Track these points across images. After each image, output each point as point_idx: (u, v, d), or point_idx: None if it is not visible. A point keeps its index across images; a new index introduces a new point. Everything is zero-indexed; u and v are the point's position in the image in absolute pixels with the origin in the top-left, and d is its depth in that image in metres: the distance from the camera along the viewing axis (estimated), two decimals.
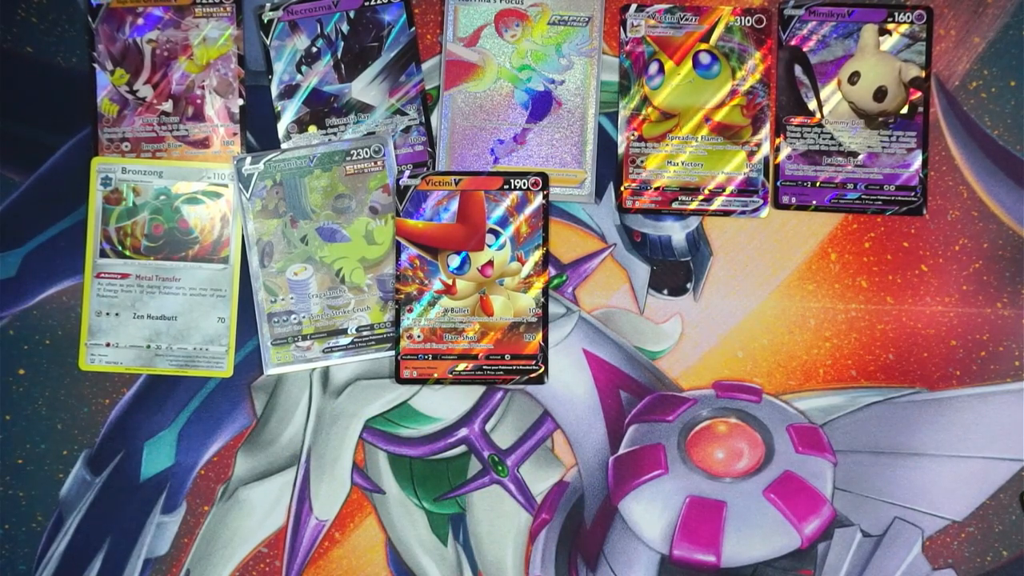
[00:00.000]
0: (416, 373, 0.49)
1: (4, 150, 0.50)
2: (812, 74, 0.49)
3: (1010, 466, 0.50)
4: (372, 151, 0.48)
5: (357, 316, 0.49)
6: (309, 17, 0.49)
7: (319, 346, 0.49)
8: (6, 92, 0.50)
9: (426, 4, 0.50)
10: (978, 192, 0.50)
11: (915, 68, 0.49)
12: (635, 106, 0.50)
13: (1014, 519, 0.50)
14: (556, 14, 0.49)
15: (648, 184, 0.49)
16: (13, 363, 0.50)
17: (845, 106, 0.49)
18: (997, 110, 0.50)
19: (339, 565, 0.50)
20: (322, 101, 0.50)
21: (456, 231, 0.49)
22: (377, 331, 0.49)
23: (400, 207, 0.49)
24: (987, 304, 0.50)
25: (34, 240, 0.50)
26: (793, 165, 0.49)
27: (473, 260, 0.49)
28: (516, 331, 0.49)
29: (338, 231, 0.49)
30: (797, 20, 0.49)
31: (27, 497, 0.50)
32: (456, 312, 0.49)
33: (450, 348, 0.49)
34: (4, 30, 0.50)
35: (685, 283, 0.50)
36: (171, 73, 0.49)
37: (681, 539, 0.50)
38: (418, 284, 0.49)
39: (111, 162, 0.49)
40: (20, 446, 0.50)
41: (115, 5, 0.49)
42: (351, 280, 0.49)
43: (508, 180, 0.48)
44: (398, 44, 0.49)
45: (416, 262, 0.49)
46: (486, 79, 0.49)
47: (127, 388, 0.50)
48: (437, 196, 0.48)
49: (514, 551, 0.50)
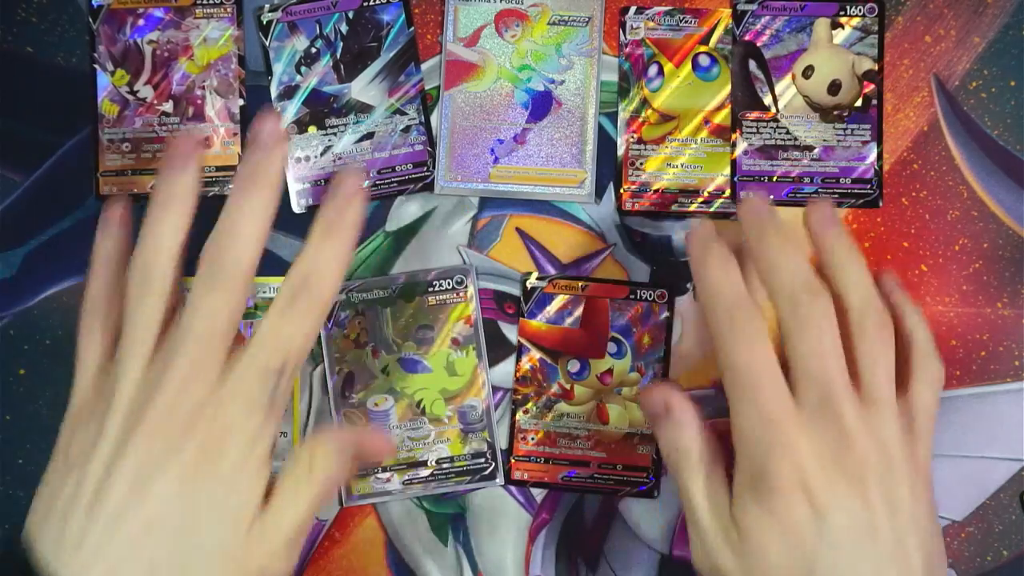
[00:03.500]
0: (527, 476, 0.49)
1: (4, 150, 0.50)
2: (767, 69, 0.49)
3: (1010, 466, 0.50)
4: (455, 282, 0.49)
5: (437, 448, 0.49)
6: (308, 18, 0.49)
7: (399, 478, 0.49)
8: (6, 92, 0.50)
9: (426, 4, 0.50)
10: (978, 192, 0.50)
11: (868, 61, 0.49)
12: (634, 108, 0.50)
13: (1014, 519, 0.50)
14: (556, 14, 0.49)
15: (648, 186, 0.50)
16: (13, 363, 0.50)
17: (800, 100, 0.49)
18: (997, 110, 0.50)
19: (339, 565, 0.50)
20: (322, 101, 0.50)
21: (578, 336, 0.49)
22: (457, 463, 0.49)
23: (525, 308, 0.48)
24: (987, 304, 0.50)
25: (34, 240, 0.50)
26: (750, 160, 0.49)
27: (593, 367, 0.49)
28: (630, 442, 0.49)
29: (420, 362, 0.49)
30: (750, 15, 0.49)
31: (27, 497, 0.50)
32: (572, 418, 0.49)
33: (563, 453, 0.49)
34: (4, 30, 0.50)
35: (685, 283, 0.50)
36: (172, 74, 0.49)
37: (681, 539, 0.50)
38: (536, 386, 0.49)
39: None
40: (20, 446, 0.50)
41: (116, 6, 0.49)
42: (432, 412, 0.49)
43: (634, 290, 0.48)
44: (397, 44, 0.49)
45: (536, 364, 0.49)
46: (486, 79, 0.49)
47: None
48: (562, 300, 0.48)
49: (514, 551, 0.50)
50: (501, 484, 0.50)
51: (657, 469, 0.49)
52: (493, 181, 0.50)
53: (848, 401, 0.38)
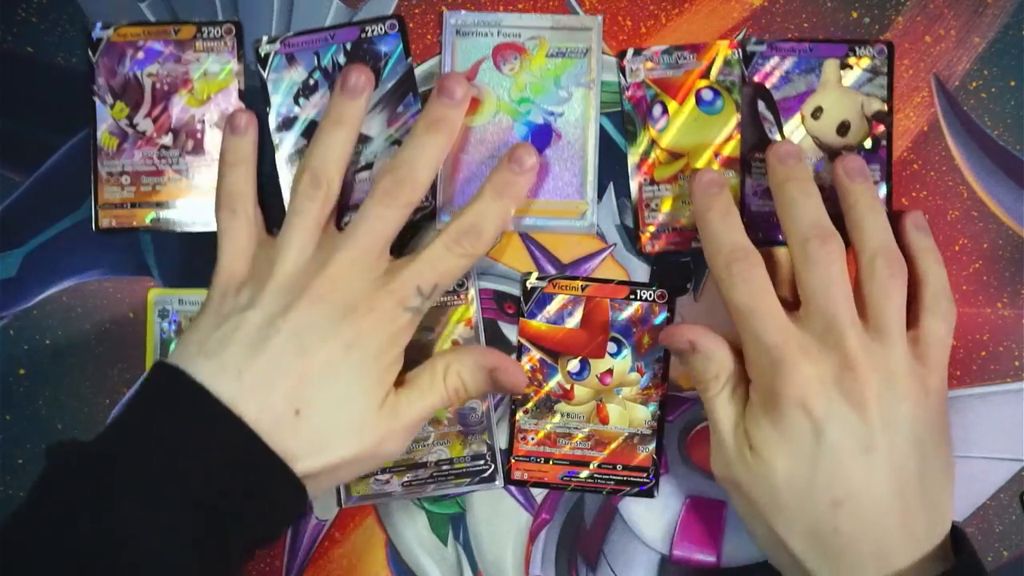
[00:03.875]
0: (527, 476, 0.49)
1: (4, 150, 0.50)
2: (775, 109, 0.49)
3: (1010, 466, 0.50)
4: (456, 284, 0.48)
5: (437, 450, 0.49)
6: (306, 49, 0.49)
7: (398, 480, 0.49)
8: (6, 92, 0.50)
9: (426, 4, 0.50)
10: (978, 192, 0.50)
11: (877, 102, 0.49)
12: (643, 150, 0.49)
13: (1014, 519, 0.50)
14: (554, 46, 0.49)
15: (666, 227, 0.49)
16: (13, 363, 0.50)
17: (809, 141, 0.49)
18: (997, 110, 0.50)
19: (339, 565, 0.50)
20: None
21: (578, 337, 0.49)
22: (457, 465, 0.49)
23: (525, 308, 0.48)
24: (987, 304, 0.50)
25: (34, 240, 0.50)
26: (759, 201, 0.49)
27: (593, 367, 0.49)
28: (630, 442, 0.49)
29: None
30: (759, 56, 0.49)
31: None
32: (572, 418, 0.49)
33: (563, 453, 0.49)
34: (4, 30, 0.50)
35: (685, 283, 0.50)
36: (171, 107, 0.49)
37: (681, 539, 0.50)
38: (536, 386, 0.49)
39: (167, 293, 0.49)
40: (20, 446, 0.50)
41: (115, 39, 0.49)
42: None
43: (634, 290, 0.49)
44: (395, 74, 0.49)
45: (536, 364, 0.49)
46: (485, 113, 0.49)
47: (127, 388, 0.50)
48: (562, 300, 0.48)
49: (514, 551, 0.50)
50: (501, 486, 0.50)
51: (656, 469, 0.49)
52: None
53: (851, 329, 0.41)
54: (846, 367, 0.40)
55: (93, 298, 0.50)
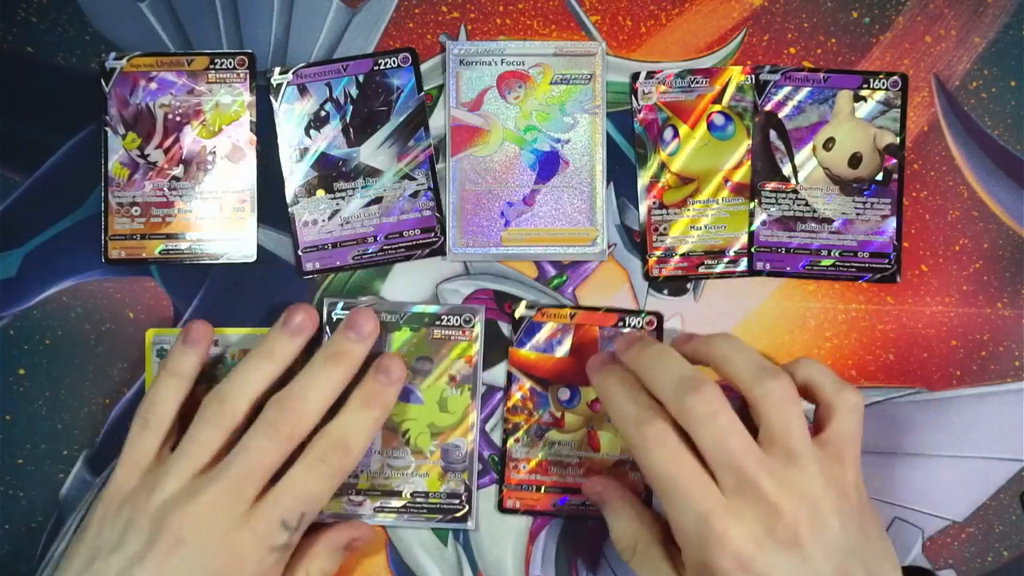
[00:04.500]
0: (519, 504, 0.49)
1: (4, 150, 0.50)
2: (787, 139, 0.49)
3: (1010, 466, 0.50)
4: (463, 320, 0.48)
5: (414, 481, 0.49)
6: (318, 81, 0.49)
7: (371, 503, 0.49)
8: (6, 92, 0.50)
9: (426, 4, 0.50)
10: (978, 192, 0.50)
11: (890, 135, 0.49)
12: (653, 173, 0.49)
13: (1014, 519, 0.50)
14: (558, 73, 0.49)
15: (673, 251, 0.49)
16: (13, 363, 0.50)
17: (820, 172, 0.49)
18: (997, 110, 0.50)
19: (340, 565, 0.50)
20: (330, 165, 0.49)
21: (568, 365, 0.49)
22: (431, 500, 0.49)
23: (514, 337, 0.48)
24: (987, 304, 0.50)
25: (34, 240, 0.50)
26: (768, 231, 0.49)
27: (583, 395, 0.49)
28: (622, 468, 0.49)
29: (413, 392, 0.49)
30: (773, 85, 0.49)
31: (27, 497, 0.50)
32: (563, 446, 0.49)
33: (555, 481, 0.49)
34: (4, 30, 0.50)
35: (685, 283, 0.50)
36: (183, 138, 0.49)
37: None
38: (526, 415, 0.49)
39: (166, 333, 0.49)
40: (20, 446, 0.50)
41: (128, 69, 0.49)
42: (415, 444, 0.49)
43: (623, 318, 0.48)
44: (407, 108, 0.49)
45: (526, 392, 0.49)
46: (492, 142, 0.49)
47: (127, 388, 0.50)
48: (551, 328, 0.48)
49: (514, 551, 0.50)
50: (472, 528, 0.49)
51: (648, 496, 0.49)
52: (505, 244, 0.49)
53: (764, 473, 0.39)
54: (773, 515, 0.38)
55: (93, 298, 0.50)
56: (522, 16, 0.50)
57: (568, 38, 0.50)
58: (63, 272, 0.50)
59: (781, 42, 0.50)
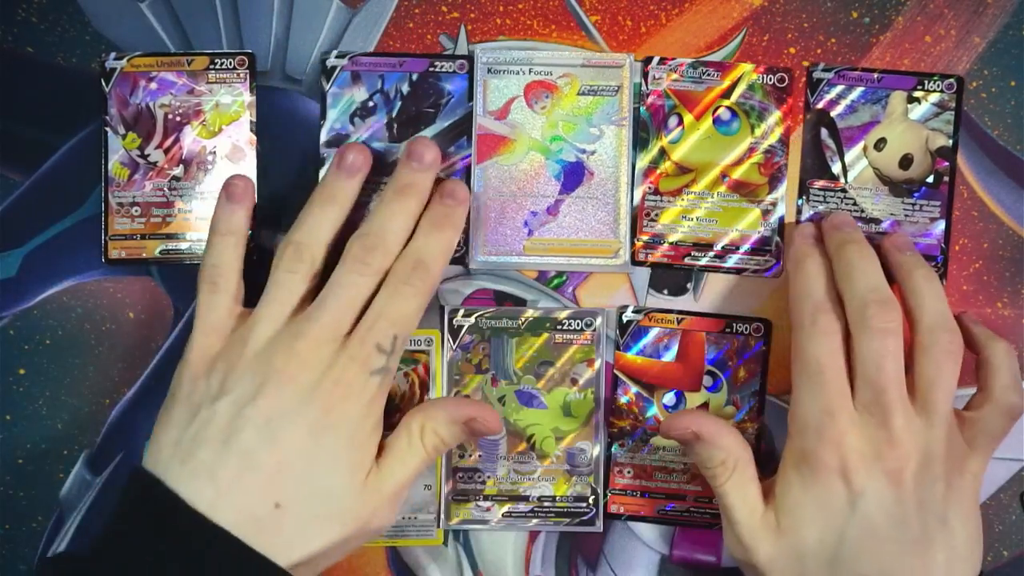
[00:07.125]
0: (623, 509, 0.49)
1: (5, 150, 0.50)
2: (838, 138, 0.49)
3: (1010, 466, 0.50)
4: (584, 323, 0.49)
5: (541, 485, 0.49)
6: (372, 71, 0.49)
7: (499, 509, 0.49)
8: (6, 92, 0.50)
9: (426, 4, 0.50)
10: (978, 192, 0.50)
11: (942, 137, 0.49)
12: (652, 159, 0.49)
13: (1014, 519, 0.50)
14: (586, 84, 0.49)
15: (662, 238, 0.49)
16: (13, 363, 0.50)
17: (870, 172, 0.49)
18: (997, 110, 0.50)
19: (339, 565, 0.50)
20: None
21: (674, 370, 0.49)
22: (559, 504, 0.49)
23: (621, 341, 0.48)
24: (987, 304, 0.50)
25: (34, 240, 0.50)
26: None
27: (688, 400, 0.49)
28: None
29: (536, 396, 0.49)
30: (825, 83, 0.49)
31: (27, 497, 0.50)
32: (667, 452, 0.49)
33: (659, 487, 0.49)
34: (4, 30, 0.50)
35: (685, 283, 0.50)
36: (183, 138, 0.49)
37: (681, 539, 0.50)
38: (632, 420, 0.49)
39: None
40: (20, 446, 0.50)
41: (128, 69, 0.49)
42: (541, 448, 0.49)
43: (730, 323, 0.49)
44: (454, 114, 0.49)
45: (632, 397, 0.49)
46: (518, 151, 0.49)
47: (127, 388, 0.50)
48: (658, 333, 0.48)
49: (514, 551, 0.50)
50: (600, 530, 0.49)
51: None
52: (527, 254, 0.49)
53: (899, 406, 0.41)
54: (888, 444, 0.40)
55: (93, 298, 0.50)
56: (522, 16, 0.50)
57: (568, 38, 0.50)
58: (63, 272, 0.50)
59: (781, 42, 0.50)
